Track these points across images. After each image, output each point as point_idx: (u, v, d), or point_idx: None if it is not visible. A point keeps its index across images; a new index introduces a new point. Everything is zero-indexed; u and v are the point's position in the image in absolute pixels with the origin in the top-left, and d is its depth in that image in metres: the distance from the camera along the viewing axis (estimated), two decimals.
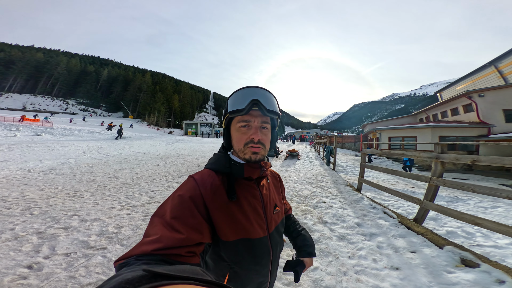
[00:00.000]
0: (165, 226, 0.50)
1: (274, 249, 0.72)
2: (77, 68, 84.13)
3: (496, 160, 2.44)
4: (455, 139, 15.98)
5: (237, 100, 0.66)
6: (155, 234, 0.48)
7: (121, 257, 0.43)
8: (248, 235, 0.64)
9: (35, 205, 3.74)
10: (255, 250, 0.65)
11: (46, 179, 5.64)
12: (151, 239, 0.46)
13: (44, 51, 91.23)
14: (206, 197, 0.60)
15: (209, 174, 0.67)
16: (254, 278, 0.67)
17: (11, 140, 12.21)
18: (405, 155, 4.16)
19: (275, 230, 0.74)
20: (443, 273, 2.06)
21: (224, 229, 0.60)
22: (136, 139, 19.48)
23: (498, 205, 5.48)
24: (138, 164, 8.59)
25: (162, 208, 0.57)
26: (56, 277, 1.95)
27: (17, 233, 2.71)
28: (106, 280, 0.28)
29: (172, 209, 0.54)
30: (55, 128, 19.81)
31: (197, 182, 0.63)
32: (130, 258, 0.42)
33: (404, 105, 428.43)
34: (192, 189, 0.60)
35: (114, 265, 0.43)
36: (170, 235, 0.48)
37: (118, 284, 0.25)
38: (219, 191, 0.63)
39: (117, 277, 0.28)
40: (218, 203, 0.61)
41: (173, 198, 0.59)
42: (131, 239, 2.72)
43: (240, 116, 0.66)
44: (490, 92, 16.17)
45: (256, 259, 0.66)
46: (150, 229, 0.51)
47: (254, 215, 0.67)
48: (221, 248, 0.62)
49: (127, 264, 0.40)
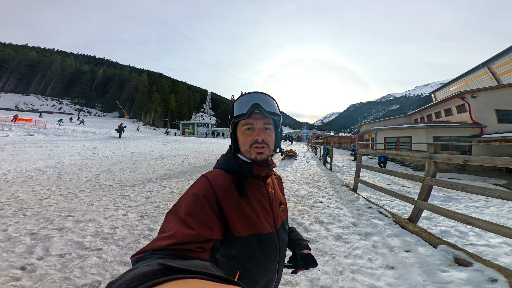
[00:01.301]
0: (179, 222, 0.53)
1: (281, 245, 0.76)
2: (71, 68, 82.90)
3: (487, 160, 2.49)
4: (448, 139, 16.23)
5: (240, 106, 0.73)
6: (170, 230, 0.51)
7: (138, 251, 0.46)
8: (258, 231, 0.67)
9: (28, 206, 3.68)
10: (264, 246, 0.68)
11: (39, 179, 5.55)
12: (166, 235, 0.49)
13: (38, 50, 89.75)
14: (219, 194, 0.64)
15: (220, 173, 0.71)
16: (264, 275, 0.70)
17: (3, 140, 11.98)
18: (399, 155, 4.21)
19: (281, 226, 0.78)
20: (437, 272, 2.09)
21: (237, 224, 0.64)
22: (132, 139, 19.29)
23: (490, 204, 5.58)
24: (134, 165, 8.51)
25: (176, 206, 0.60)
26: (50, 278, 1.92)
27: (10, 234, 2.66)
28: (123, 273, 0.30)
29: (186, 206, 0.58)
30: (48, 128, 19.50)
31: (209, 180, 0.67)
32: (146, 252, 0.44)
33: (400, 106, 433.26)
34: (205, 187, 0.64)
35: (131, 259, 0.45)
36: (184, 231, 0.50)
37: (135, 276, 0.26)
38: (230, 188, 0.67)
39: (134, 270, 0.29)
40: (230, 199, 0.65)
41: (187, 196, 0.62)
42: (127, 240, 2.69)
43: (244, 120, 0.72)
44: (482, 93, 16.48)
45: (266, 255, 0.69)
46: (165, 225, 0.54)
47: (262, 211, 0.71)
48: (233, 245, 0.64)
49: (143, 258, 0.42)
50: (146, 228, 3.02)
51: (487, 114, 16.20)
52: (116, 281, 0.27)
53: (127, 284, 0.25)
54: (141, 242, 2.66)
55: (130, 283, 0.25)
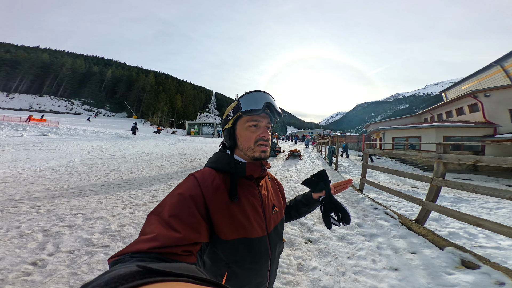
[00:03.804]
0: (162, 225, 0.50)
1: (273, 249, 0.73)
2: (81, 69, 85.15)
3: (498, 161, 2.42)
4: (460, 139, 15.77)
5: (252, 101, 0.69)
6: (152, 233, 0.47)
7: (115, 254, 0.43)
8: (247, 234, 0.64)
9: (41, 203, 3.82)
10: (253, 250, 0.66)
11: (52, 178, 5.75)
12: (147, 237, 0.46)
13: (50, 52, 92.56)
14: (207, 196, 0.60)
15: (210, 172, 0.67)
16: (252, 278, 0.68)
17: (18, 140, 12.44)
18: (407, 155, 4.14)
19: (274, 230, 0.74)
20: (442, 274, 2.05)
21: (224, 228, 0.61)
22: (139, 139, 19.66)
23: (502, 206, 5.40)
24: (142, 164, 8.68)
25: (160, 206, 0.56)
26: (59, 274, 2.00)
27: (23, 231, 2.78)
28: (98, 276, 0.28)
29: (171, 207, 0.54)
30: (61, 128, 20.12)
31: (198, 180, 0.63)
32: (124, 255, 0.42)
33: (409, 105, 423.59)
34: (193, 188, 0.60)
35: (108, 262, 0.43)
36: (167, 233, 0.47)
37: (110, 279, 0.24)
38: (220, 190, 0.63)
39: (110, 272, 0.27)
40: (219, 202, 0.61)
41: (172, 196, 0.58)
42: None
43: (250, 116, 0.69)
44: (496, 92, 15.91)
45: (255, 258, 0.66)
46: (147, 227, 0.51)
47: (254, 214, 0.68)
48: (219, 247, 0.62)
49: (121, 260, 0.40)
50: None
51: (500, 113, 15.63)
52: (90, 283, 0.25)
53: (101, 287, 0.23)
54: None
55: (104, 285, 0.24)
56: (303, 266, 2.30)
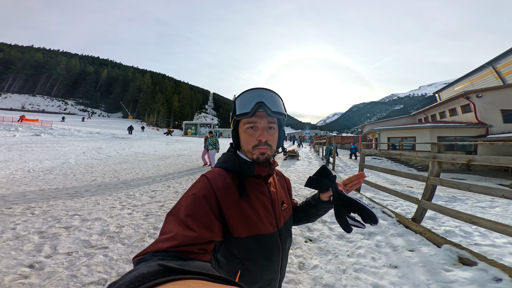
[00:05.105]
0: (179, 224, 0.52)
1: (284, 245, 0.74)
2: (76, 69, 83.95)
3: (490, 160, 2.48)
4: (453, 140, 16.06)
5: (243, 103, 0.69)
6: (170, 232, 0.50)
7: (139, 253, 0.46)
8: (259, 231, 0.66)
9: (36, 204, 3.75)
10: (265, 246, 0.67)
11: (46, 179, 5.64)
12: (166, 237, 0.48)
13: (44, 51, 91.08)
14: (219, 195, 0.62)
15: (220, 172, 0.69)
16: (265, 275, 0.70)
17: (10, 140, 12.19)
18: (403, 155, 4.20)
19: (284, 226, 0.76)
20: (441, 271, 2.09)
21: (237, 226, 0.63)
22: (136, 140, 19.47)
23: (496, 205, 5.52)
24: (138, 165, 8.60)
25: (176, 207, 0.58)
26: (57, 276, 1.97)
27: (18, 233, 2.72)
28: (124, 275, 0.30)
29: (186, 207, 0.57)
30: (54, 128, 19.79)
31: (210, 180, 0.65)
32: (147, 254, 0.44)
33: (403, 106, 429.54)
34: (205, 188, 0.63)
35: (133, 261, 0.45)
36: (184, 232, 0.50)
37: (134, 277, 0.27)
38: (230, 188, 0.65)
39: (134, 272, 0.29)
40: (230, 200, 0.64)
41: (186, 197, 0.60)
42: (132, 238, 2.74)
43: (246, 118, 0.68)
44: (488, 93, 16.27)
45: (267, 254, 0.68)
46: (166, 227, 0.53)
47: (264, 211, 0.70)
48: (233, 245, 0.64)
49: (144, 259, 0.42)
50: (151, 227, 3.06)
51: (492, 114, 16.00)
52: (116, 282, 0.28)
53: (127, 285, 0.26)
54: (146, 241, 2.70)
55: (129, 284, 0.26)
56: (304, 264, 2.31)
